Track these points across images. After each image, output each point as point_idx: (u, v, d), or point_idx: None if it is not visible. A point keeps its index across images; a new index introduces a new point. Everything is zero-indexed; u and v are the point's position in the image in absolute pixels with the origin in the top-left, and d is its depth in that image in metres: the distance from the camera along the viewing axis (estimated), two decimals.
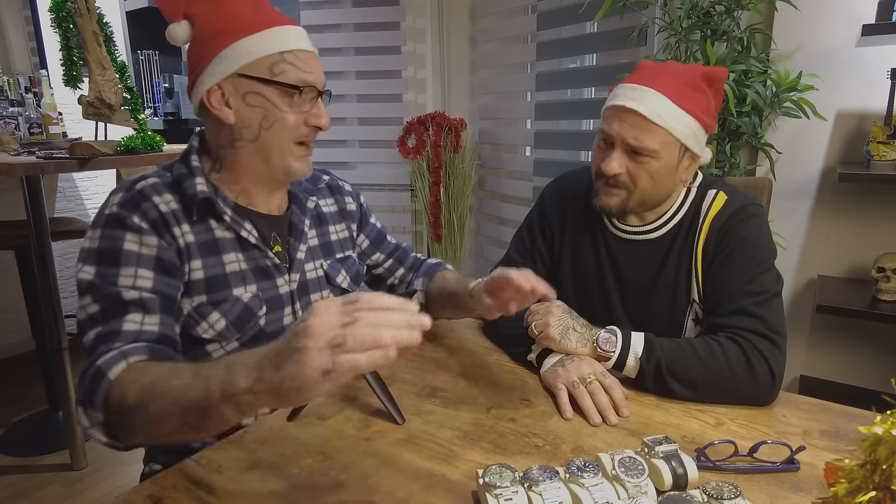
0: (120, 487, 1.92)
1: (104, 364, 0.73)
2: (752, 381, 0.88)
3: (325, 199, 1.10)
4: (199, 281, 0.88)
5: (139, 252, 0.83)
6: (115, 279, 0.81)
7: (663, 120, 0.96)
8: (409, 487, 0.70)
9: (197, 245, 0.88)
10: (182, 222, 0.88)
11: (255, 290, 0.92)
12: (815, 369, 2.14)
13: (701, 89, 1.00)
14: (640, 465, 0.66)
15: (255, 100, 0.88)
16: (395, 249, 1.20)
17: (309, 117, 0.90)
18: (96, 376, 0.73)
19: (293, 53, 0.88)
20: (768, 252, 1.00)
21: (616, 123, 0.99)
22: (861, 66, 1.89)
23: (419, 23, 3.07)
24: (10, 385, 2.67)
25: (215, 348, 0.91)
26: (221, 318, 0.89)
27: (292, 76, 0.88)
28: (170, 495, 0.69)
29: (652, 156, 0.98)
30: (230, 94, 0.88)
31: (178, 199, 0.89)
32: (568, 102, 2.78)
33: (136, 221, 0.83)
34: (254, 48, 0.87)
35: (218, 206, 0.90)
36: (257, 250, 0.94)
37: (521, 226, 1.26)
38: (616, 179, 1.01)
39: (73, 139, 2.23)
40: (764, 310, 0.94)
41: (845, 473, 0.43)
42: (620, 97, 0.99)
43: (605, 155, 1.02)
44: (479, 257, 3.33)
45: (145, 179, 0.89)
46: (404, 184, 3.21)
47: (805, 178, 2.04)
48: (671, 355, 0.91)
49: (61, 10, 2.17)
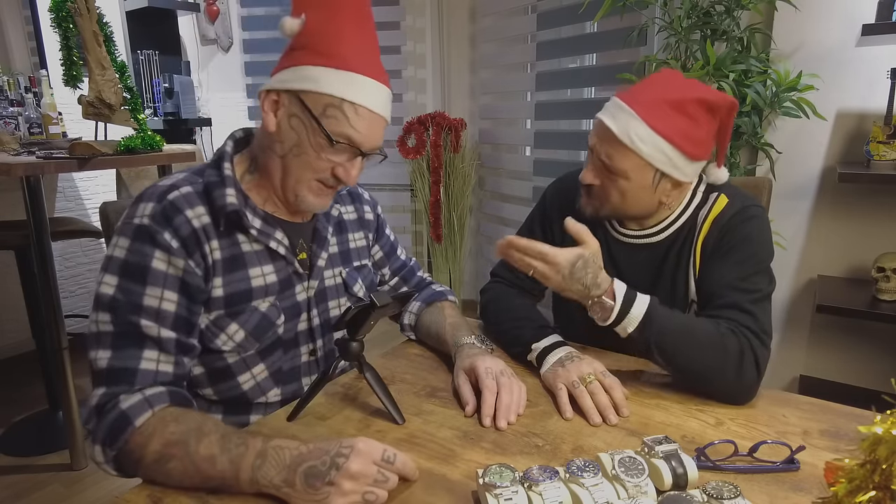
0: (120, 487, 1.92)
1: (130, 410, 0.74)
2: (739, 377, 0.89)
3: (346, 207, 1.09)
4: (218, 298, 0.87)
5: (166, 272, 0.81)
6: (140, 298, 0.79)
7: (634, 143, 0.95)
8: (408, 487, 0.70)
9: (223, 262, 0.87)
10: (212, 238, 0.86)
11: (274, 300, 0.92)
12: (815, 369, 2.14)
13: (686, 113, 0.94)
14: (640, 465, 0.66)
15: (296, 124, 0.85)
16: (402, 267, 1.20)
17: (337, 168, 0.88)
18: (120, 421, 0.73)
19: (354, 106, 0.84)
20: (766, 253, 1.00)
21: (595, 136, 1.00)
22: (861, 66, 1.89)
23: (419, 23, 3.07)
24: (10, 385, 2.67)
25: (233, 357, 0.90)
26: (240, 330, 0.88)
27: (336, 126, 0.84)
28: (170, 495, 0.69)
29: (620, 175, 0.98)
30: (282, 105, 0.86)
31: (208, 209, 0.86)
32: (568, 102, 2.78)
33: (166, 239, 0.81)
34: (324, 80, 0.83)
35: (245, 221, 0.88)
36: (284, 260, 0.93)
37: (523, 225, 1.26)
38: (589, 189, 1.03)
39: (73, 139, 2.22)
40: (757, 308, 0.94)
41: (845, 473, 0.43)
42: (605, 109, 0.99)
43: (588, 162, 1.04)
44: (478, 257, 3.34)
45: (178, 189, 0.85)
46: (404, 184, 3.21)
47: (805, 177, 2.04)
48: (667, 338, 0.90)
49: (61, 10, 2.17)
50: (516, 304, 1.14)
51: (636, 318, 0.90)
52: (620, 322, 0.90)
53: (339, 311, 1.02)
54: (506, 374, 0.90)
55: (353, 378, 0.99)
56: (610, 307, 0.90)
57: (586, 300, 0.92)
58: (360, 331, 0.86)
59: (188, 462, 0.69)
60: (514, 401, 0.87)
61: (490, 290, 1.22)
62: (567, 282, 0.91)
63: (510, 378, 0.90)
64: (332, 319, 1.01)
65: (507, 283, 1.22)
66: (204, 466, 0.68)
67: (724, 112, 0.96)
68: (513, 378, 0.90)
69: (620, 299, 0.90)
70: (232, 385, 0.92)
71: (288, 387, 0.97)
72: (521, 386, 0.90)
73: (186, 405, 0.80)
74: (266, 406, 0.96)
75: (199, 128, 3.66)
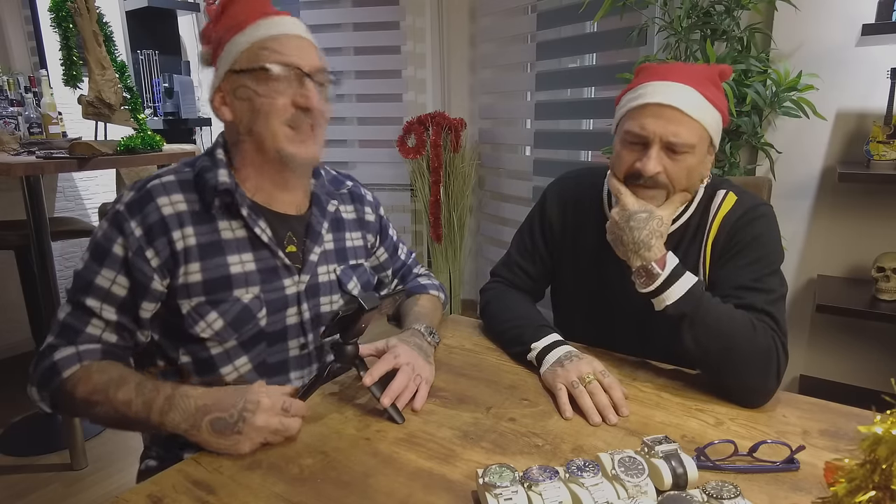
0: (120, 487, 1.92)
1: (60, 362, 0.83)
2: (763, 375, 0.88)
3: (346, 206, 1.10)
4: (196, 283, 0.88)
5: (123, 257, 0.87)
6: (94, 276, 0.86)
7: (698, 114, 0.95)
8: (409, 487, 0.70)
9: (198, 247, 0.89)
10: (186, 224, 0.88)
11: (258, 292, 0.92)
12: (814, 369, 2.14)
13: (719, 85, 1.00)
14: (639, 465, 0.66)
15: (243, 93, 0.90)
16: (402, 267, 1.22)
17: (296, 97, 0.90)
18: (51, 370, 0.83)
19: (276, 39, 0.89)
20: (777, 254, 1.00)
21: (651, 121, 0.95)
22: (861, 65, 1.89)
23: (419, 22, 3.07)
24: (10, 385, 2.66)
25: (214, 346, 0.91)
26: (219, 319, 0.89)
27: (270, 60, 0.88)
28: (170, 495, 0.69)
29: (689, 151, 0.95)
30: (227, 92, 0.91)
31: (191, 197, 0.90)
32: (568, 102, 2.78)
33: (131, 227, 0.86)
34: (239, 43, 0.89)
35: (237, 199, 0.91)
36: (268, 250, 0.94)
37: (522, 225, 1.25)
38: (655, 179, 0.96)
39: (73, 139, 2.23)
40: (775, 309, 0.94)
41: (845, 473, 0.43)
42: (650, 94, 0.96)
43: (638, 156, 0.97)
44: (478, 257, 3.34)
45: (159, 178, 0.90)
46: (404, 183, 3.21)
47: (805, 177, 2.04)
48: (702, 319, 0.90)
49: (61, 10, 2.17)
50: (516, 304, 1.14)
51: (678, 292, 0.91)
52: (661, 293, 0.92)
53: (331, 308, 1.02)
54: (413, 365, 0.91)
55: (352, 378, 0.99)
56: (657, 275, 0.92)
57: (631, 258, 0.95)
58: (352, 334, 0.86)
59: (109, 407, 0.80)
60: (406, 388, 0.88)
61: (490, 289, 1.22)
62: (622, 227, 0.95)
63: (413, 369, 0.90)
64: (324, 315, 1.01)
65: (507, 282, 1.22)
66: (122, 409, 0.79)
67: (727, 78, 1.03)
68: (417, 371, 0.91)
69: (669, 270, 0.92)
70: (215, 377, 0.93)
71: (273, 380, 0.96)
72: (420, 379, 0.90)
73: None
74: None
75: (199, 128, 3.66)
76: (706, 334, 0.90)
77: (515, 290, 1.20)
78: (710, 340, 0.90)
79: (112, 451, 2.09)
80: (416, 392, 0.89)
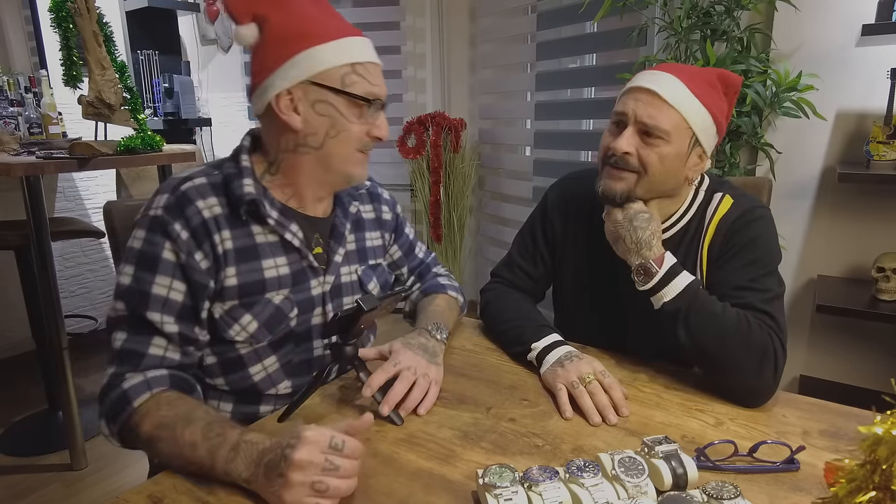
0: (120, 487, 1.92)
1: (130, 391, 0.79)
2: (759, 373, 0.88)
3: (365, 206, 1.10)
4: (232, 287, 0.88)
5: (176, 262, 0.84)
6: (149, 286, 0.83)
7: (678, 102, 0.95)
8: (409, 487, 0.70)
9: (235, 252, 0.88)
10: (223, 228, 0.88)
11: (288, 293, 0.93)
12: (814, 369, 2.14)
13: (717, 89, 0.99)
14: (639, 465, 0.66)
15: (324, 108, 0.88)
16: (419, 265, 1.21)
17: (372, 128, 0.92)
18: (121, 401, 0.79)
19: (363, 66, 0.89)
20: (773, 256, 1.00)
21: (631, 102, 0.97)
22: (861, 66, 1.90)
23: (419, 23, 3.07)
24: (10, 385, 2.67)
25: (246, 348, 0.91)
26: (253, 321, 0.90)
27: (361, 88, 0.89)
28: (170, 495, 0.69)
29: (663, 137, 0.95)
30: (299, 100, 0.87)
31: (223, 201, 0.89)
32: (568, 102, 2.78)
33: (177, 230, 0.84)
34: (327, 57, 0.87)
35: (263, 210, 0.90)
36: (298, 253, 0.94)
37: (524, 226, 1.25)
38: (625, 160, 0.97)
39: (73, 139, 2.22)
40: (773, 308, 0.94)
41: (845, 473, 0.43)
42: (637, 80, 0.99)
43: (615, 135, 0.99)
44: (478, 257, 3.34)
45: (191, 180, 0.88)
46: (404, 184, 3.21)
47: (805, 178, 2.04)
48: (697, 316, 0.92)
49: (61, 10, 2.17)
50: (516, 304, 1.14)
51: (675, 290, 0.94)
52: (659, 290, 0.94)
53: None
54: (414, 369, 0.90)
55: (351, 379, 0.99)
56: (654, 272, 0.94)
57: (631, 257, 0.97)
58: (351, 335, 0.86)
59: (173, 445, 0.73)
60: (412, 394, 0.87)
61: (490, 289, 1.22)
62: (625, 227, 0.98)
63: (414, 373, 0.90)
64: None
65: (507, 283, 1.22)
66: (186, 452, 0.72)
67: (735, 89, 1.02)
68: (421, 373, 0.90)
69: (666, 268, 0.94)
70: (243, 376, 0.93)
71: (298, 379, 0.98)
72: (428, 380, 0.90)
73: (187, 390, 0.83)
74: (276, 398, 0.97)
75: (199, 128, 3.66)
76: (700, 329, 0.91)
77: (516, 291, 1.20)
78: (704, 336, 0.91)
79: (112, 451, 2.08)
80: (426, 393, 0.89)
